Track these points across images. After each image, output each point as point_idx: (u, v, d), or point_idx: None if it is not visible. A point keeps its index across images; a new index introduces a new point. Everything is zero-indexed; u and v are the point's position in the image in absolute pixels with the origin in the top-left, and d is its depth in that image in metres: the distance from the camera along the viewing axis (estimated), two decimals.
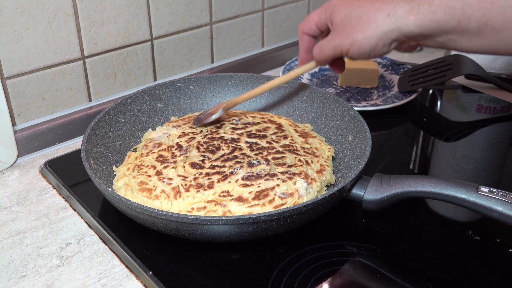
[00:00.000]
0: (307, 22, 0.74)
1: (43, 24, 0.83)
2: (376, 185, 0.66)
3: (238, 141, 0.77)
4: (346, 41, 0.67)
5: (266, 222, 0.60)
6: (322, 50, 0.71)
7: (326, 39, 0.70)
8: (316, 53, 0.72)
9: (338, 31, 0.68)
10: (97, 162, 0.73)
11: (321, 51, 0.71)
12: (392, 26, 0.63)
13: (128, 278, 0.63)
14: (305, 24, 0.74)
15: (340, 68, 0.78)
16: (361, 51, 0.66)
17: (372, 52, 0.66)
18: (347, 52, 0.68)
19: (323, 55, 0.71)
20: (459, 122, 0.96)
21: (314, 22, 0.72)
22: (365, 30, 0.65)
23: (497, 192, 0.61)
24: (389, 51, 0.67)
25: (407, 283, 0.61)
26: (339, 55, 0.70)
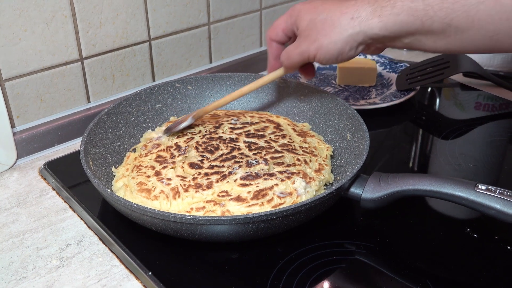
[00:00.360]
0: (273, 29, 0.73)
1: (41, 26, 0.83)
2: (374, 184, 0.66)
3: (236, 141, 0.78)
4: (312, 46, 0.66)
5: (265, 221, 0.60)
6: (290, 56, 0.70)
7: (293, 45, 0.69)
8: (283, 59, 0.72)
9: (304, 36, 0.68)
10: (96, 163, 0.73)
11: (288, 57, 0.70)
12: (357, 29, 0.63)
13: (128, 279, 0.63)
14: (272, 31, 0.73)
15: (310, 74, 0.77)
16: (328, 55, 0.66)
17: (340, 56, 0.66)
18: (314, 57, 0.67)
19: (290, 61, 0.70)
20: (458, 120, 0.96)
21: (281, 28, 0.72)
22: (330, 35, 0.64)
23: (495, 190, 0.61)
24: (356, 54, 0.67)
25: (406, 281, 0.61)
26: (307, 61, 0.69)
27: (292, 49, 0.69)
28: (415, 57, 1.16)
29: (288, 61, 0.71)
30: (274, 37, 0.74)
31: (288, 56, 0.70)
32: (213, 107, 0.79)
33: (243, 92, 0.79)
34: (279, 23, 0.72)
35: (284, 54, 0.71)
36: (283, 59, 0.72)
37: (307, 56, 0.68)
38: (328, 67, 1.10)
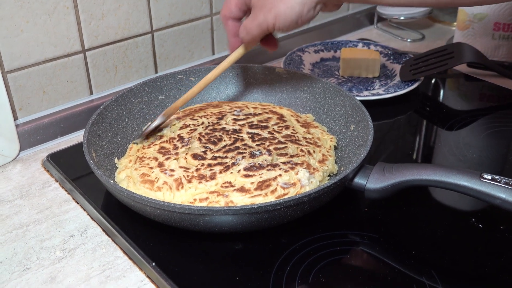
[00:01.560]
0: (226, 6, 0.71)
1: (43, 17, 0.82)
2: (379, 174, 0.66)
3: (240, 132, 0.77)
4: (270, 15, 0.64)
5: (269, 212, 0.60)
6: (248, 31, 0.68)
7: (249, 19, 0.67)
8: (243, 35, 0.70)
9: (258, 7, 0.66)
10: (99, 154, 0.73)
11: (247, 32, 0.68)
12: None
13: (132, 270, 0.63)
14: (225, 8, 0.71)
15: (272, 45, 0.75)
16: (288, 21, 0.64)
17: (300, 20, 0.64)
18: (274, 26, 0.65)
19: (250, 35, 0.68)
20: (462, 111, 0.96)
21: (234, 4, 0.70)
22: (286, 0, 0.63)
23: (500, 179, 0.61)
24: (315, 14, 0.65)
25: (410, 272, 0.61)
26: (267, 32, 0.68)
27: (249, 22, 0.67)
28: (419, 48, 1.16)
29: (248, 36, 0.69)
30: (228, 14, 0.71)
31: (247, 31, 0.68)
32: (182, 101, 0.77)
33: (208, 80, 0.77)
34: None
35: (242, 29, 0.69)
36: (242, 35, 0.70)
37: (266, 27, 0.66)
38: (332, 58, 1.10)
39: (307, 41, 1.15)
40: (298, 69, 1.03)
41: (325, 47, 1.11)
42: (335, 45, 1.12)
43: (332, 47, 1.12)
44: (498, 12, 1.04)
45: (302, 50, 1.09)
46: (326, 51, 1.11)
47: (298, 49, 1.09)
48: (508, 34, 1.05)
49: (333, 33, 1.24)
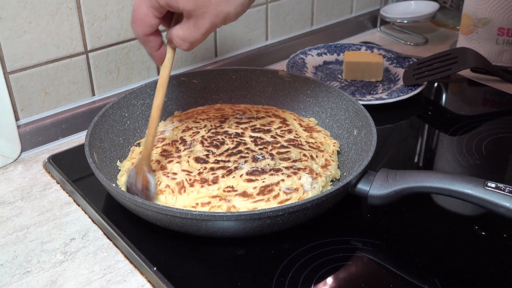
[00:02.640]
0: (144, 23, 0.62)
1: (46, 18, 0.82)
2: (382, 181, 0.66)
3: (242, 136, 0.77)
4: (218, 19, 0.60)
5: (271, 217, 0.60)
6: (193, 41, 0.62)
7: (189, 28, 0.60)
8: (185, 47, 0.63)
9: (199, 15, 0.59)
10: (101, 157, 0.72)
11: (191, 42, 0.62)
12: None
13: (133, 274, 0.62)
14: (143, 26, 0.62)
15: None
16: (239, 15, 0.61)
17: (246, 8, 0.61)
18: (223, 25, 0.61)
19: (194, 45, 0.62)
20: (465, 116, 0.95)
21: (152, 17, 0.61)
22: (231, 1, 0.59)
23: (504, 188, 0.61)
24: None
25: (413, 279, 0.60)
26: None
27: (192, 32, 0.61)
28: (422, 52, 1.16)
29: (192, 46, 0.62)
30: (148, 31, 0.63)
31: (191, 42, 0.62)
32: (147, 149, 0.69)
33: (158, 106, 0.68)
34: (144, 13, 0.61)
35: (182, 42, 0.62)
36: (184, 47, 0.63)
37: (213, 30, 0.62)
38: (335, 62, 1.10)
39: (310, 44, 1.15)
40: (301, 72, 1.02)
41: (328, 50, 1.11)
42: (338, 48, 1.12)
43: (335, 50, 1.11)
44: (503, 17, 1.03)
45: (305, 53, 1.09)
46: (329, 54, 1.11)
47: (301, 52, 1.08)
48: None
49: (336, 36, 1.23)
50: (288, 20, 1.16)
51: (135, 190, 0.67)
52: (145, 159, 0.68)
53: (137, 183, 0.67)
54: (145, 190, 0.66)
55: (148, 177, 0.67)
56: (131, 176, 0.68)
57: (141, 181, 0.67)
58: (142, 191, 0.66)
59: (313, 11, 1.19)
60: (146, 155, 0.68)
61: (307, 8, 1.18)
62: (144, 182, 0.67)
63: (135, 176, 0.67)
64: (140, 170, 0.67)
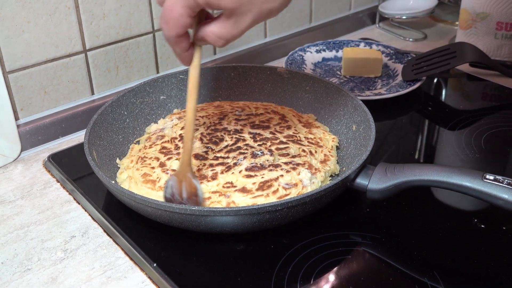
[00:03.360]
0: (178, 23, 0.57)
1: (44, 18, 0.82)
2: (381, 174, 0.66)
3: (241, 132, 0.77)
4: (261, 15, 0.58)
5: (270, 212, 0.60)
6: (229, 38, 0.59)
7: (227, 25, 0.58)
8: (221, 44, 0.60)
9: (242, 12, 0.57)
10: (100, 155, 0.73)
11: (227, 39, 0.59)
12: None
13: (133, 270, 0.62)
14: (177, 26, 0.58)
15: None
16: (281, 10, 0.59)
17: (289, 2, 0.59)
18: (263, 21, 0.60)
19: (229, 42, 0.60)
20: (464, 110, 0.95)
21: (186, 16, 0.57)
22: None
23: (503, 180, 0.61)
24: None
25: (412, 272, 0.60)
26: None
27: (231, 30, 0.58)
28: (421, 48, 1.16)
29: (228, 43, 0.60)
30: (181, 32, 0.59)
31: (228, 39, 0.59)
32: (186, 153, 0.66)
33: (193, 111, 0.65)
34: (179, 13, 0.57)
35: (220, 40, 0.59)
36: (220, 44, 0.60)
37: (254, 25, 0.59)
38: (333, 58, 1.10)
39: (309, 41, 1.15)
40: (300, 69, 1.02)
41: (327, 46, 1.11)
42: (337, 45, 1.12)
43: (334, 46, 1.11)
44: (501, 11, 1.03)
45: (304, 50, 1.09)
46: (328, 50, 1.11)
47: (299, 49, 1.09)
48: (511, 34, 1.05)
49: (335, 32, 1.23)
50: (287, 17, 1.16)
51: (180, 199, 0.64)
52: (186, 165, 0.65)
53: (182, 191, 0.64)
54: (193, 197, 0.64)
55: (195, 183, 0.64)
56: (172, 186, 0.65)
57: (187, 188, 0.64)
58: (190, 199, 0.64)
59: (311, 8, 1.19)
60: (186, 161, 0.65)
61: (305, 5, 1.18)
62: (191, 189, 0.64)
63: (178, 185, 0.64)
64: (183, 177, 0.64)
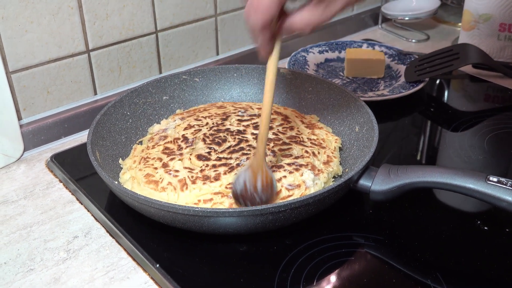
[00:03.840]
0: (268, 11, 0.56)
1: (47, 18, 0.82)
2: (384, 176, 0.66)
3: (244, 133, 0.77)
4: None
5: (273, 214, 0.60)
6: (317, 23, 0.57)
7: (316, 11, 0.56)
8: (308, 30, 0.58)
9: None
10: (103, 155, 0.73)
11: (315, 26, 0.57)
12: None
13: (136, 271, 0.62)
14: (267, 14, 0.56)
15: None
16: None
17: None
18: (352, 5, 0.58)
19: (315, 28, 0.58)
20: (467, 112, 0.95)
21: (278, 4, 0.55)
22: None
23: (506, 182, 0.61)
24: None
25: (415, 274, 0.60)
26: None
27: (321, 16, 0.56)
28: (424, 49, 1.15)
29: (314, 29, 0.58)
30: (269, 20, 0.57)
31: (315, 25, 0.57)
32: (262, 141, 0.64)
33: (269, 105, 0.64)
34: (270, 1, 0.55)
35: (308, 26, 0.57)
36: (307, 31, 0.58)
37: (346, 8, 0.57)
38: (336, 59, 1.10)
39: (312, 42, 1.15)
40: (303, 70, 1.02)
41: (330, 47, 1.11)
42: (339, 46, 1.12)
43: (337, 47, 1.11)
44: (504, 12, 1.03)
45: (307, 50, 1.09)
46: (330, 51, 1.11)
47: (302, 50, 1.08)
48: None
49: (337, 33, 1.23)
50: None
51: (253, 191, 0.63)
52: (262, 157, 0.64)
53: (257, 183, 0.63)
54: (268, 189, 0.64)
55: (270, 175, 0.64)
56: (246, 179, 0.63)
57: (262, 180, 0.63)
58: (265, 191, 0.63)
59: None
60: (262, 154, 0.64)
61: None
62: (267, 181, 0.64)
63: (252, 177, 0.63)
64: (258, 169, 0.63)
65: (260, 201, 0.63)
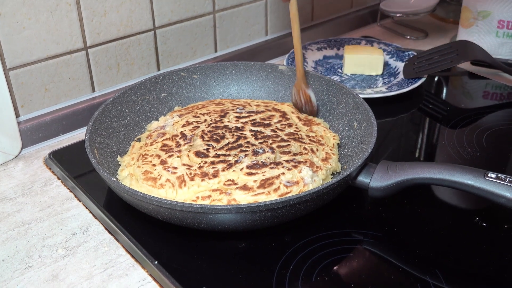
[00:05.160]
0: None
1: (45, 14, 0.82)
2: (382, 172, 0.66)
3: (242, 130, 0.77)
4: None
5: (272, 210, 0.60)
6: None
7: None
8: None
9: None
10: (101, 152, 0.73)
11: None
12: None
13: (134, 268, 0.62)
14: None
15: None
16: None
17: None
18: None
19: None
20: (466, 109, 0.95)
21: None
22: None
23: (505, 178, 0.61)
24: None
25: (414, 271, 0.60)
26: None
27: None
28: (422, 46, 1.15)
29: None
30: None
31: None
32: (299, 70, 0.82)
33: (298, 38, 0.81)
34: None
35: None
36: None
37: None
38: (335, 56, 1.10)
39: (310, 39, 1.15)
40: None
41: (328, 44, 1.11)
42: (338, 43, 1.11)
43: (335, 44, 1.11)
44: (503, 9, 1.03)
45: (305, 47, 1.09)
46: (329, 48, 1.11)
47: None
48: None
49: (336, 30, 1.23)
50: (288, 15, 1.15)
51: (300, 104, 0.82)
52: (301, 79, 0.82)
53: (300, 98, 0.82)
54: (309, 103, 0.82)
55: (308, 92, 0.81)
56: (294, 94, 0.83)
57: (302, 96, 0.82)
58: (306, 104, 0.82)
59: (313, 5, 1.19)
60: (300, 76, 0.82)
61: (307, 2, 1.17)
62: (306, 97, 0.81)
63: (297, 93, 0.82)
64: (299, 88, 0.82)
65: (305, 111, 0.83)
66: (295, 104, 0.83)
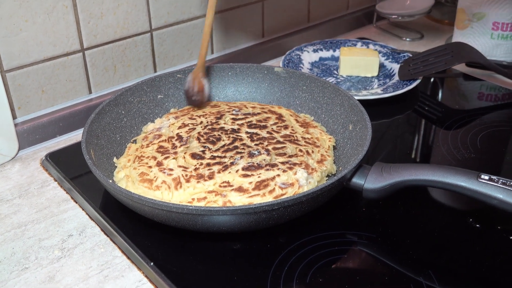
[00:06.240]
0: None
1: (42, 16, 0.82)
2: (377, 174, 0.66)
3: (238, 132, 0.77)
4: None
5: (267, 212, 0.60)
6: None
7: None
8: None
9: None
10: (98, 154, 0.73)
11: None
12: None
13: (130, 269, 0.63)
14: None
15: None
16: None
17: None
18: None
19: None
20: (460, 110, 0.96)
21: None
22: None
23: (498, 180, 0.61)
24: None
25: (408, 272, 0.61)
26: None
27: None
28: (418, 47, 1.16)
29: None
30: None
31: None
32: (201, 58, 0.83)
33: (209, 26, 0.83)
34: None
35: None
36: None
37: None
38: (330, 58, 1.10)
39: (306, 41, 1.15)
40: (297, 69, 1.03)
41: (324, 46, 1.11)
42: (334, 44, 1.12)
43: (331, 46, 1.12)
44: (497, 11, 1.04)
45: (301, 49, 1.09)
46: (325, 50, 1.11)
47: (296, 49, 1.09)
48: (507, 34, 1.05)
49: (332, 32, 1.24)
50: (284, 17, 1.16)
51: (192, 92, 0.84)
52: (200, 67, 0.84)
53: (194, 86, 0.83)
54: (201, 92, 0.84)
55: (203, 81, 0.84)
56: (188, 81, 0.84)
57: (197, 84, 0.83)
58: (198, 92, 0.83)
59: (309, 7, 1.20)
60: (200, 64, 0.84)
61: (303, 4, 1.18)
62: (200, 85, 0.83)
63: (192, 80, 0.84)
64: (196, 75, 0.83)
65: (195, 100, 0.84)
66: (186, 91, 0.84)
